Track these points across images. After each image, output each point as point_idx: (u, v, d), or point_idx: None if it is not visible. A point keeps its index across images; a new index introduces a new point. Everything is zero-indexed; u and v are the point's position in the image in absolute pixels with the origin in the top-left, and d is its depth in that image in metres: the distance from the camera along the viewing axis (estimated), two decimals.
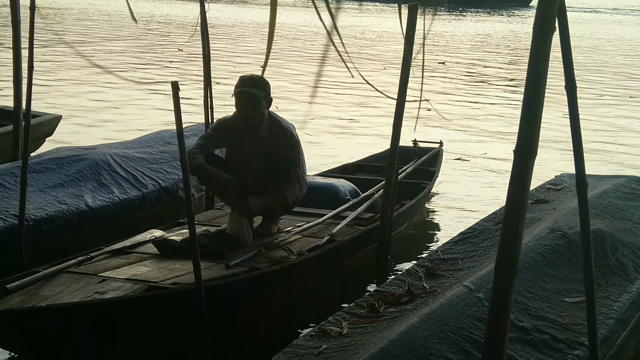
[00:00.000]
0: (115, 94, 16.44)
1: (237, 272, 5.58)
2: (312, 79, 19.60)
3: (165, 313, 5.07)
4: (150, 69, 20.76)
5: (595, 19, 56.27)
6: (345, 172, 8.93)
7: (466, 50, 30.47)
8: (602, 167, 11.28)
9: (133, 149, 8.50)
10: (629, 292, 5.32)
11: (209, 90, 7.96)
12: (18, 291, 5.07)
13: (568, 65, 3.69)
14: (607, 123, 15.37)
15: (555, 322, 4.74)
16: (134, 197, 7.72)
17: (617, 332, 4.95)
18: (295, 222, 6.83)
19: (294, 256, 5.99)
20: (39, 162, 7.70)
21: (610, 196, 7.13)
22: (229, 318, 5.57)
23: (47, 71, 18.59)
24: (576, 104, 3.76)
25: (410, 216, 8.00)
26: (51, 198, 7.17)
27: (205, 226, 6.52)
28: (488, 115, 16.08)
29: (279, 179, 6.35)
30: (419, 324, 4.32)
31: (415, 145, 9.61)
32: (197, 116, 10.64)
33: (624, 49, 34.52)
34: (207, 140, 6.42)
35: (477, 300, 4.65)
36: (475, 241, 6.15)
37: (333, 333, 4.52)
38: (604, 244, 5.82)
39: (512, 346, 4.34)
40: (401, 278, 5.44)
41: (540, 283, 5.22)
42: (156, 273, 5.46)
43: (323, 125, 14.08)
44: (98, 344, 4.95)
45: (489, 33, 39.58)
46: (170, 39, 28.85)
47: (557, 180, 8.13)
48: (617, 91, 20.41)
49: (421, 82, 2.75)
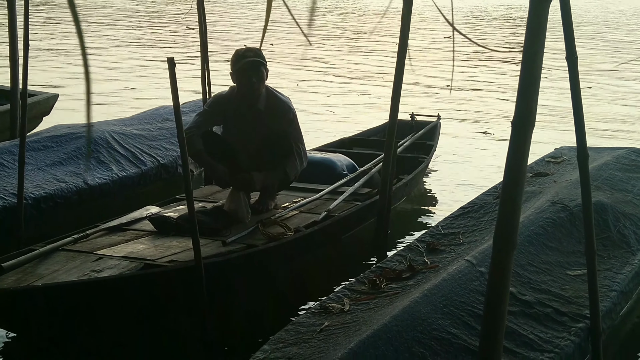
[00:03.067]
0: (112, 70, 16.38)
1: (234, 249, 5.53)
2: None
3: (162, 291, 5.03)
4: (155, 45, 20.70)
5: None
6: (342, 146, 8.88)
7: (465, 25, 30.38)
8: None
9: (131, 126, 8.46)
10: (631, 264, 5.29)
11: (207, 67, 7.90)
12: (14, 269, 5.03)
13: (568, 34, 3.64)
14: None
15: (558, 295, 4.71)
16: (133, 175, 7.69)
17: (620, 305, 4.92)
18: (292, 198, 6.78)
19: (291, 232, 5.94)
20: (37, 140, 7.66)
21: (610, 168, 7.09)
22: (227, 295, 5.53)
23: (44, 49, 18.52)
24: (577, 75, 3.72)
25: (408, 190, 7.95)
26: (50, 176, 7.14)
27: (202, 202, 6.47)
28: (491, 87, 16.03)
29: (279, 153, 6.31)
30: (421, 300, 4.28)
31: (413, 118, 9.55)
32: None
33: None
34: (204, 118, 6.37)
35: (479, 275, 4.61)
36: (476, 215, 6.11)
37: (335, 310, 4.49)
38: (606, 216, 5.78)
39: (515, 320, 4.31)
40: (402, 253, 5.39)
41: (542, 256, 5.18)
42: (153, 251, 5.41)
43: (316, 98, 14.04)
44: (94, 322, 4.92)
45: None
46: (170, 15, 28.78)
47: (556, 153, 8.09)
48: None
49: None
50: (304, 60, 19.30)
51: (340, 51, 21.71)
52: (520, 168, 2.89)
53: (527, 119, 2.86)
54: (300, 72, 17.45)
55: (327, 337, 4.09)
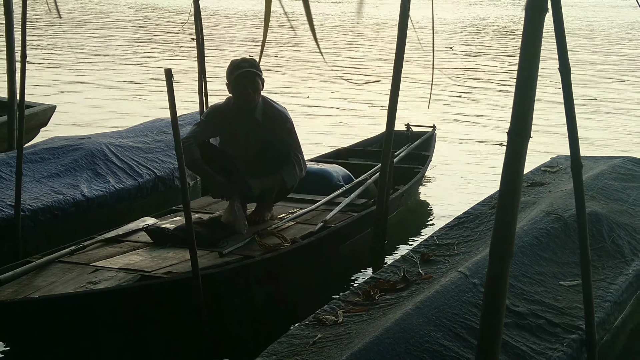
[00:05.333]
0: (109, 83, 16.40)
1: (230, 260, 5.55)
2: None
3: (159, 303, 5.04)
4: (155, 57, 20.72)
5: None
6: (338, 157, 8.91)
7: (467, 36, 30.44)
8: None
9: (128, 139, 8.49)
10: (625, 274, 5.29)
11: (204, 78, 7.93)
12: (11, 282, 5.04)
13: (562, 46, 3.67)
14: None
15: (552, 306, 4.71)
16: (130, 187, 7.70)
17: (614, 315, 4.92)
18: (288, 208, 6.81)
19: (288, 243, 5.97)
20: (34, 152, 7.68)
21: (606, 177, 7.09)
22: (223, 306, 5.54)
23: (42, 62, 18.55)
24: (570, 86, 3.75)
25: (404, 201, 7.98)
26: (47, 188, 7.16)
27: (198, 213, 6.49)
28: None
29: (277, 162, 6.34)
30: (414, 312, 4.29)
31: (408, 129, 9.57)
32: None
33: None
34: (201, 128, 6.39)
35: (473, 286, 4.62)
36: (471, 226, 6.12)
37: (328, 322, 4.49)
38: (600, 226, 5.79)
39: (508, 331, 4.31)
40: (396, 264, 5.40)
41: (536, 267, 5.19)
42: (149, 262, 5.43)
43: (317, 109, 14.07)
44: (91, 334, 4.93)
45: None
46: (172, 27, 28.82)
47: (552, 163, 8.10)
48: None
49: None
50: (314, 70, 19.40)
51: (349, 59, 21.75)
52: (517, 178, 2.91)
53: (523, 129, 2.89)
54: (311, 82, 17.52)
55: (320, 350, 4.10)
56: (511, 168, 2.92)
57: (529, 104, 2.89)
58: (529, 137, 2.91)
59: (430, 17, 23.38)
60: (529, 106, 2.89)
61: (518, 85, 2.89)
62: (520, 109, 2.90)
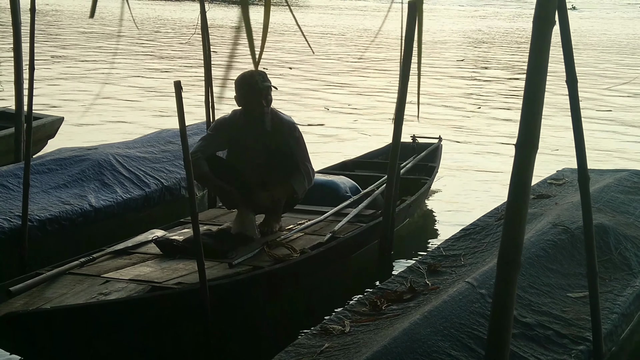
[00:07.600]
0: (116, 94, 16.44)
1: (240, 271, 5.58)
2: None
3: (170, 313, 5.07)
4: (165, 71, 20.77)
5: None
6: (344, 168, 8.93)
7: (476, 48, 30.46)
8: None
9: (135, 149, 8.51)
10: (632, 286, 5.31)
11: (210, 90, 7.97)
12: (22, 293, 5.07)
13: (569, 58, 3.69)
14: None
15: (559, 318, 4.73)
16: (137, 197, 7.73)
17: (621, 327, 4.93)
18: (296, 219, 6.84)
19: (297, 254, 6.00)
20: (42, 163, 7.71)
21: (612, 190, 7.10)
22: (233, 317, 5.57)
23: (49, 73, 18.60)
24: (577, 98, 3.77)
25: (411, 212, 8.00)
26: (55, 199, 7.19)
27: (207, 225, 6.52)
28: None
29: (285, 172, 6.37)
30: (421, 322, 4.31)
31: (414, 140, 9.59)
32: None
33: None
34: (208, 142, 6.42)
35: (480, 297, 4.64)
36: (477, 237, 6.15)
37: (335, 331, 4.52)
38: (607, 238, 5.81)
39: (515, 342, 4.33)
40: (403, 275, 5.43)
41: (543, 278, 5.21)
42: (159, 273, 5.46)
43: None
44: (103, 345, 4.96)
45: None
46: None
47: (558, 175, 8.11)
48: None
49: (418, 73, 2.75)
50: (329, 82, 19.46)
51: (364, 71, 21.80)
52: (524, 190, 2.93)
53: (531, 140, 2.91)
54: (328, 94, 17.59)
55: (327, 359, 4.13)
56: (519, 179, 2.94)
57: (537, 116, 2.91)
58: (537, 148, 2.93)
59: (438, 30, 23.60)
60: (536, 117, 2.91)
61: (526, 97, 2.91)
62: (528, 121, 2.92)
